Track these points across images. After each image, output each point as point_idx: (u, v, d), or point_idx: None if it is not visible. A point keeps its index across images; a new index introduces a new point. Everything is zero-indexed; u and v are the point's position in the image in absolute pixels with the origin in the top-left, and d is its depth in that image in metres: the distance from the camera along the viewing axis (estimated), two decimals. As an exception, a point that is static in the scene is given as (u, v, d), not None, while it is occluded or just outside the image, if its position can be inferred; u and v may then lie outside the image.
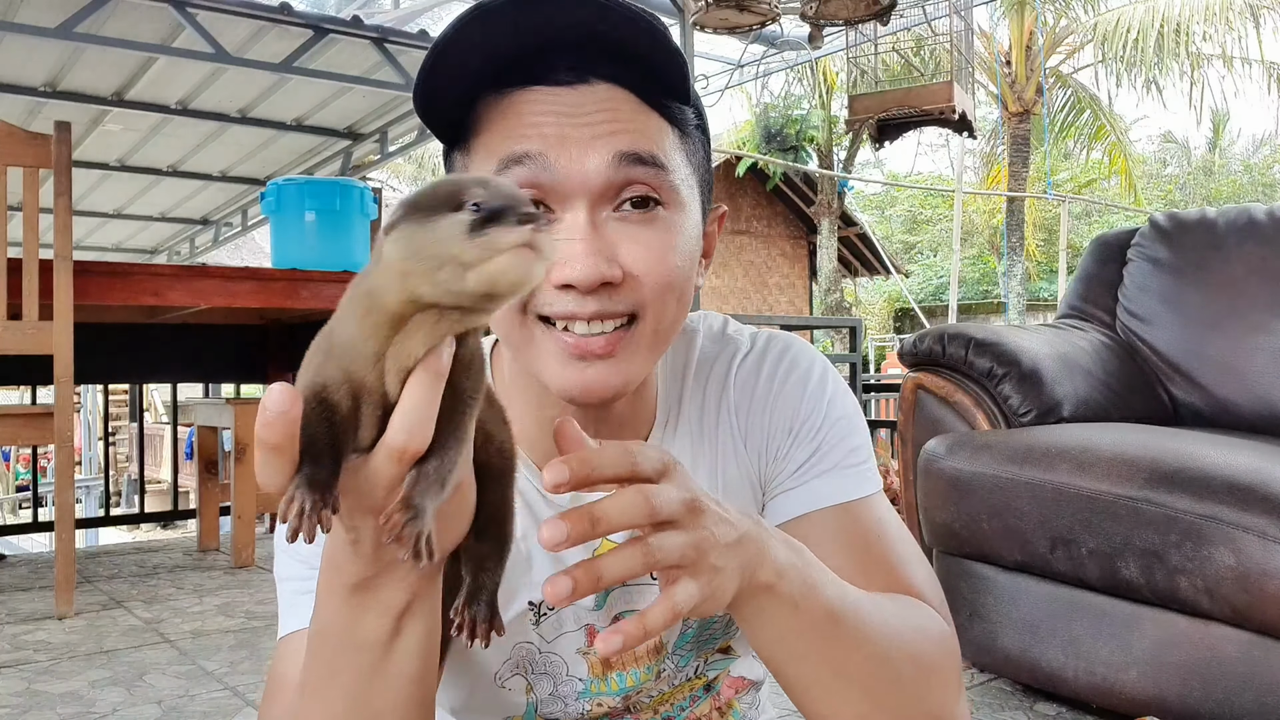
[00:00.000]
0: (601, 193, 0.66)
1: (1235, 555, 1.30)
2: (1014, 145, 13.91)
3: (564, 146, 0.64)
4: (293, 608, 0.75)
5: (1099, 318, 2.16)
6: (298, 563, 0.75)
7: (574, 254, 0.64)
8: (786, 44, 7.19)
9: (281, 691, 0.72)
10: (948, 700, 0.71)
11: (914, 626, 0.70)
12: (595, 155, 0.64)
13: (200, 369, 3.87)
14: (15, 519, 10.85)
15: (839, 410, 0.79)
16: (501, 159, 0.65)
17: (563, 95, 0.65)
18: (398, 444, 0.48)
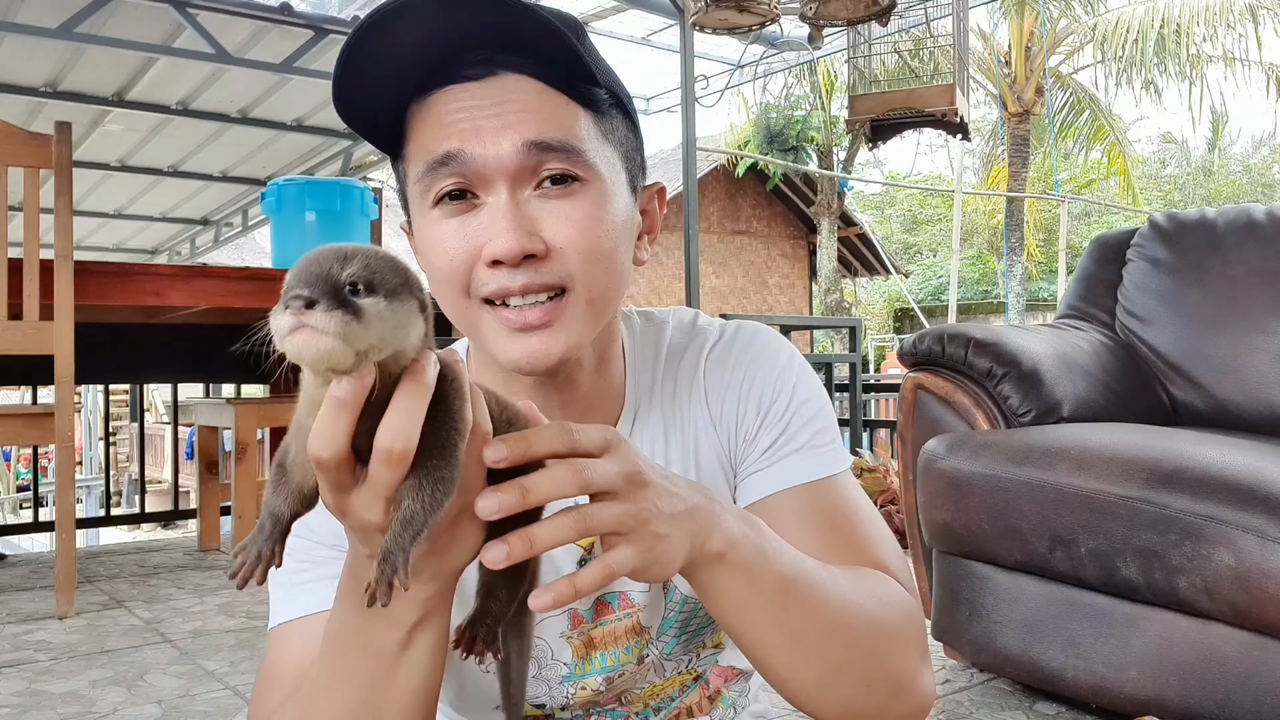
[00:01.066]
0: (517, 175, 0.70)
1: (1235, 555, 1.30)
2: (1014, 145, 13.91)
3: (478, 137, 0.69)
4: (282, 600, 0.77)
5: (1099, 318, 2.16)
6: (285, 557, 0.74)
7: (498, 230, 0.69)
8: (786, 44, 7.19)
9: (276, 683, 0.74)
10: (908, 667, 0.74)
11: (873, 596, 0.73)
12: (506, 141, 0.69)
13: (201, 369, 3.87)
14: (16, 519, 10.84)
15: (805, 393, 0.83)
16: (428, 163, 0.70)
17: (473, 90, 0.70)
18: (384, 445, 0.52)
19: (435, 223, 0.72)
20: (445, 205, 0.71)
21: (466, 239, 0.70)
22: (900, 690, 0.73)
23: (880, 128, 6.34)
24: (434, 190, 0.71)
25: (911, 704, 0.74)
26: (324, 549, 0.76)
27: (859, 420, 4.87)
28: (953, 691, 1.76)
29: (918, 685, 0.74)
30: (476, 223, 0.70)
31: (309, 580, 0.76)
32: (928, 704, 0.75)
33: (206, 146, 6.92)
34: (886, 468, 3.52)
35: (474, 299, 0.72)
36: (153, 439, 10.67)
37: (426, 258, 0.75)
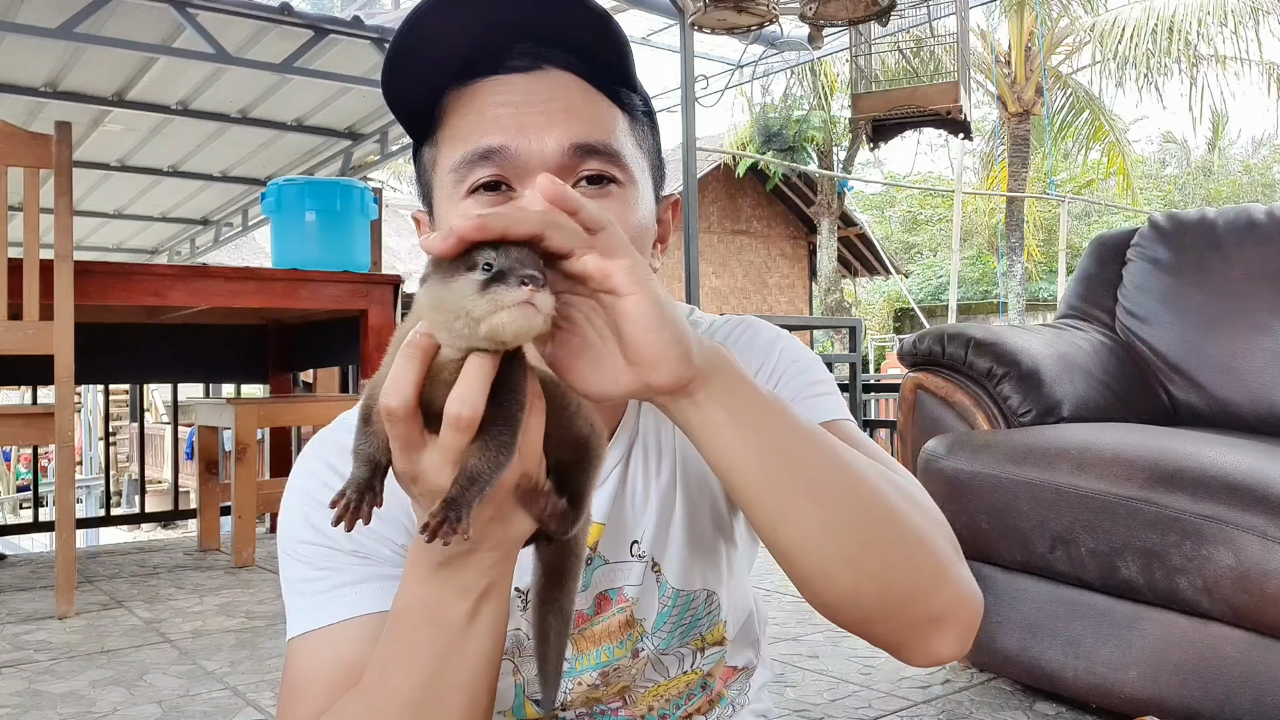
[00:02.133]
0: (558, 172, 0.69)
1: (1235, 555, 1.30)
2: (1014, 145, 13.91)
3: (523, 134, 0.69)
4: (305, 610, 0.76)
5: (1098, 318, 2.16)
6: (302, 564, 0.77)
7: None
8: (786, 44, 7.19)
9: (307, 692, 0.73)
10: (947, 550, 0.69)
11: (901, 479, 0.71)
12: (551, 139, 0.69)
13: (200, 369, 3.87)
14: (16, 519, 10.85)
15: (791, 356, 0.83)
16: (467, 155, 0.70)
17: (517, 83, 0.70)
18: (452, 411, 0.54)
19: (467, 213, 0.71)
20: (480, 195, 0.71)
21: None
22: (940, 572, 0.67)
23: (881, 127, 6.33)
24: (469, 180, 0.71)
25: (954, 594, 0.67)
26: (342, 555, 0.76)
27: (859, 420, 4.88)
28: (953, 691, 1.76)
29: (958, 572, 0.69)
30: None
31: (330, 588, 0.75)
32: (975, 598, 0.69)
33: (206, 146, 6.92)
34: (886, 468, 3.52)
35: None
36: (153, 439, 10.67)
37: None
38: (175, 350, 3.61)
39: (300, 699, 0.74)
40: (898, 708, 1.68)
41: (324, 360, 3.74)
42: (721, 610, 0.88)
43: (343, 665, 0.72)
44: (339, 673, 0.72)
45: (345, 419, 0.82)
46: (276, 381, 3.75)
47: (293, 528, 0.78)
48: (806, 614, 2.32)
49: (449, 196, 0.73)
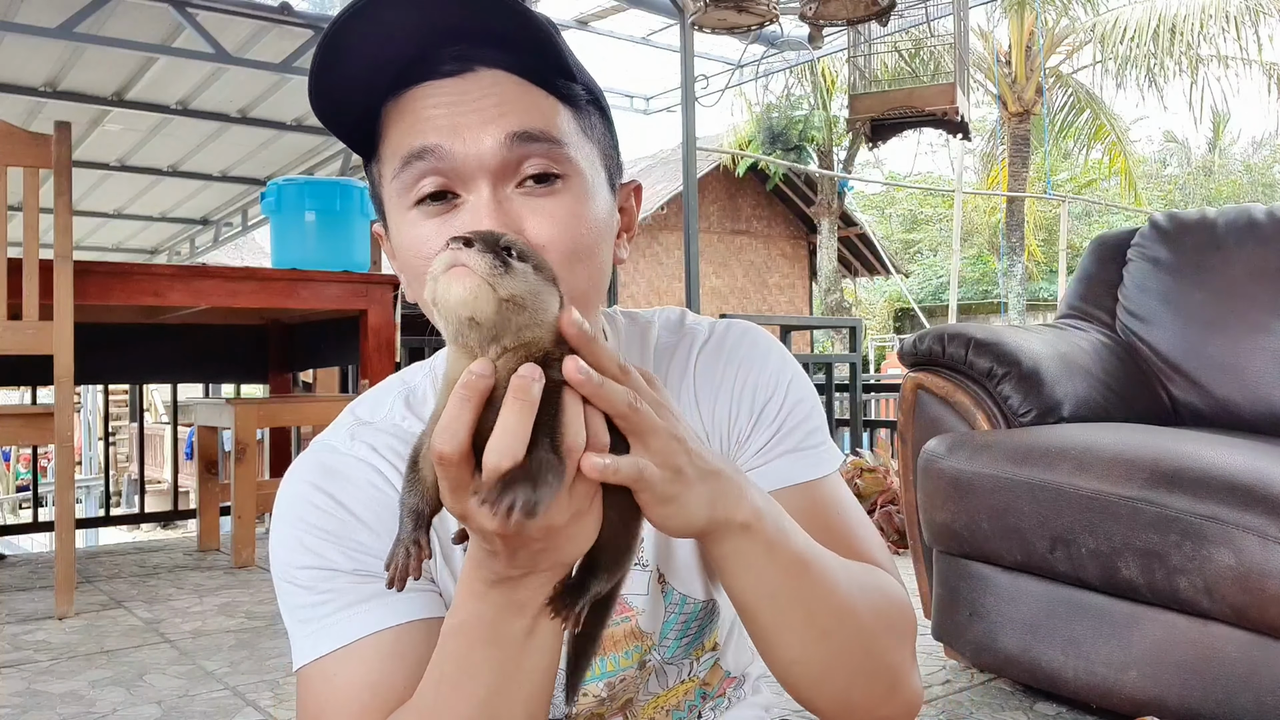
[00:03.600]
0: (500, 171, 0.69)
1: (1235, 555, 1.30)
2: (1014, 145, 13.91)
3: (457, 133, 0.68)
4: (313, 636, 0.74)
5: (1099, 318, 2.16)
6: (302, 589, 0.75)
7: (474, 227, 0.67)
8: (786, 44, 7.19)
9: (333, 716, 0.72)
10: (905, 660, 0.75)
11: (875, 587, 0.75)
12: (489, 137, 0.68)
13: (200, 369, 3.87)
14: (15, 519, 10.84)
15: (797, 394, 0.83)
16: (403, 157, 0.69)
17: (450, 85, 0.69)
18: (491, 464, 0.54)
19: (415, 224, 0.70)
20: (425, 206, 0.70)
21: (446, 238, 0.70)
22: (895, 684, 0.74)
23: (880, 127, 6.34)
24: (413, 191, 0.70)
25: (903, 700, 0.75)
26: (344, 576, 0.74)
27: (859, 420, 4.87)
28: (953, 692, 1.75)
29: (910, 682, 0.75)
30: (458, 221, 0.69)
31: (337, 610, 0.74)
32: (917, 704, 0.76)
33: (206, 146, 6.92)
34: (886, 468, 3.52)
35: None
36: (152, 439, 10.67)
37: (405, 259, 0.73)
38: (175, 350, 3.61)
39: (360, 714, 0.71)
40: (898, 708, 1.68)
41: (324, 360, 3.74)
42: (719, 617, 0.88)
43: (366, 687, 0.71)
44: (364, 695, 0.71)
45: (324, 439, 0.80)
46: (276, 381, 3.75)
47: (288, 554, 0.76)
48: (806, 614, 2.32)
49: (396, 208, 0.72)
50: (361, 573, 0.74)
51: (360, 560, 0.74)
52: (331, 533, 0.75)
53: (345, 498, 0.75)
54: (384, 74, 0.70)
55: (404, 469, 0.63)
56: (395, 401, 0.82)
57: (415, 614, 0.73)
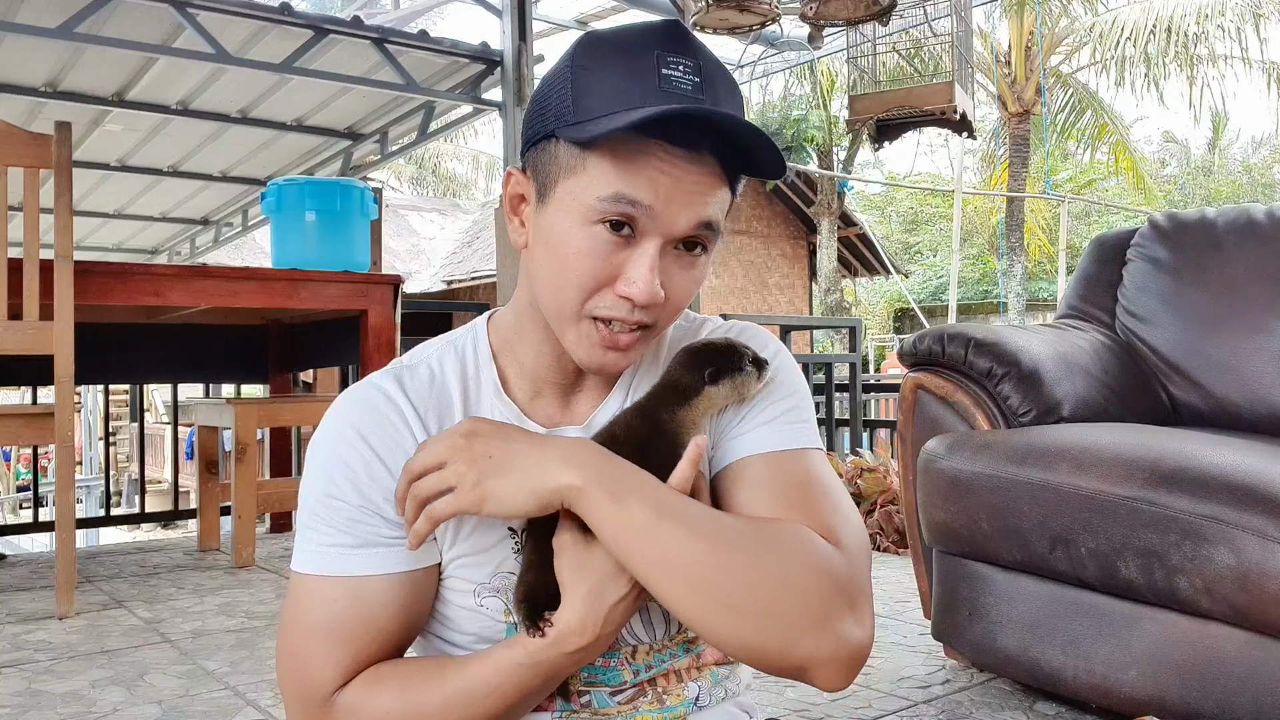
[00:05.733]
0: (671, 240, 0.81)
1: (1235, 555, 1.30)
2: (1014, 145, 13.91)
3: (667, 206, 0.79)
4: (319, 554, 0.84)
5: (1099, 318, 2.16)
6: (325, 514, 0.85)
7: (642, 278, 0.79)
8: (786, 44, 7.19)
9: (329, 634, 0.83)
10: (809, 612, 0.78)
11: (776, 542, 0.79)
12: (684, 219, 0.79)
13: (200, 369, 3.87)
14: (16, 519, 10.85)
15: (785, 386, 0.91)
16: (620, 195, 0.78)
17: (680, 157, 0.78)
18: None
19: (590, 236, 0.79)
20: (605, 227, 0.79)
21: (611, 265, 0.80)
22: (797, 633, 0.77)
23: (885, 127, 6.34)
24: (609, 211, 0.78)
25: (825, 649, 0.78)
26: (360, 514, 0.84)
27: (859, 420, 4.87)
28: (953, 691, 1.76)
29: (829, 632, 0.78)
30: (623, 256, 0.80)
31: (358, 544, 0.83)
32: (848, 653, 0.79)
33: (206, 146, 6.92)
34: (886, 468, 3.52)
35: (585, 311, 0.82)
36: (153, 439, 10.67)
37: (560, 249, 0.81)
38: (175, 350, 3.61)
39: (326, 639, 0.82)
40: (898, 708, 1.68)
41: (324, 360, 3.74)
42: None
43: (361, 620, 0.82)
44: (357, 626, 0.82)
45: (374, 378, 0.88)
46: (276, 381, 3.75)
47: (321, 483, 0.84)
48: (806, 614, 2.32)
49: (578, 212, 0.79)
50: (366, 508, 0.83)
51: (377, 504, 0.83)
52: (356, 471, 0.83)
53: (375, 440, 0.84)
54: (650, 121, 0.77)
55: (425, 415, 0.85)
56: (439, 352, 0.91)
57: (415, 564, 0.84)
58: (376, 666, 0.83)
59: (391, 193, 19.60)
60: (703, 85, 0.79)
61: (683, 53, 0.79)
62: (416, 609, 0.86)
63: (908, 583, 2.63)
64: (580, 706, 0.89)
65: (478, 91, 5.85)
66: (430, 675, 0.82)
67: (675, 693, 0.92)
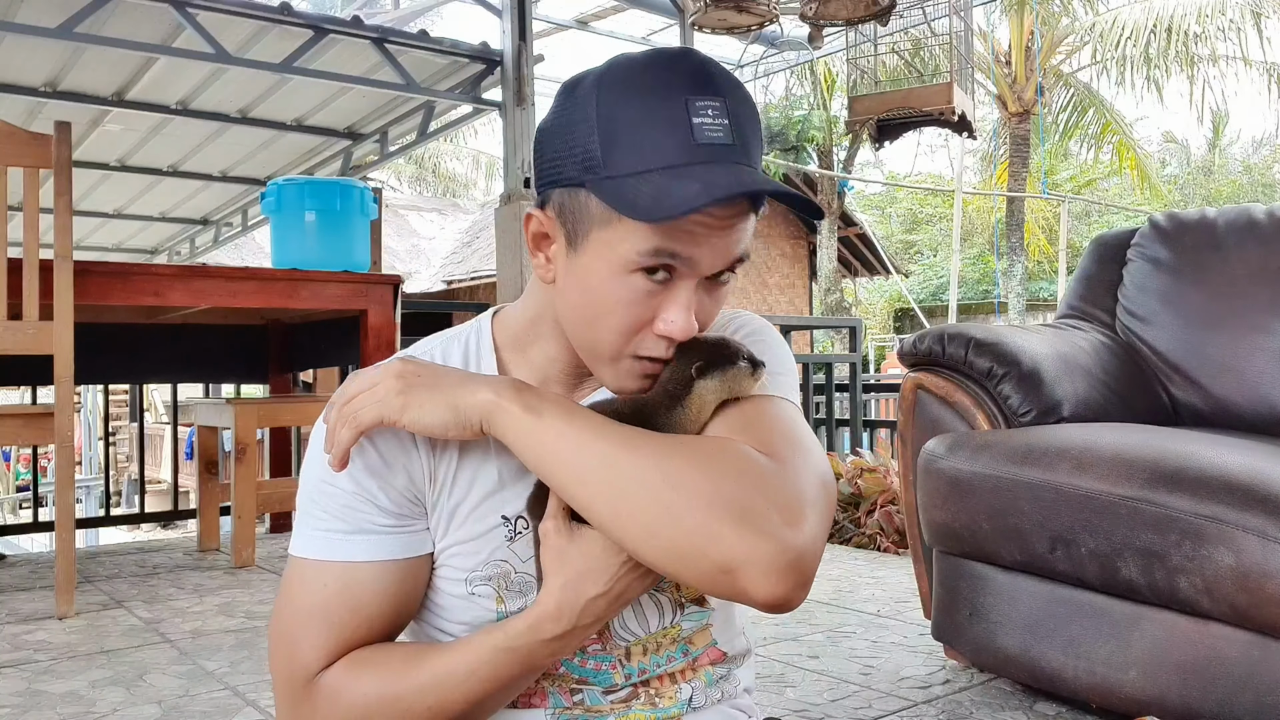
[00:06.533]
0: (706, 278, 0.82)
1: (1235, 555, 1.30)
2: (1014, 145, 13.90)
3: (704, 253, 0.79)
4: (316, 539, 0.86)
5: (1099, 318, 2.16)
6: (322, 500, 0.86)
7: (680, 317, 0.80)
8: (786, 44, 7.19)
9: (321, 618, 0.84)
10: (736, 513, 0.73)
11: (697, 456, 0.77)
12: (720, 261, 0.81)
13: (200, 369, 3.87)
14: (16, 519, 10.85)
15: (765, 340, 0.93)
16: (656, 248, 0.78)
17: (717, 209, 0.78)
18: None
19: (629, 285, 0.80)
20: (645, 274, 0.79)
21: (649, 308, 0.81)
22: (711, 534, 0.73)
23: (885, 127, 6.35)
24: (649, 262, 0.79)
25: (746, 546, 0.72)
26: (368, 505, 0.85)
27: (859, 420, 4.87)
28: (953, 692, 1.76)
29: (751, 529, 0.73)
30: (661, 298, 0.80)
31: (354, 530, 0.84)
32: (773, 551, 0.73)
33: (206, 146, 6.92)
34: (886, 468, 3.52)
35: (627, 353, 0.83)
36: (152, 439, 10.67)
37: (598, 296, 0.81)
38: (175, 350, 3.61)
39: (314, 621, 0.84)
40: (898, 708, 1.68)
41: (324, 360, 3.74)
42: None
43: (350, 605, 0.83)
44: (345, 612, 0.83)
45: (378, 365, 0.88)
46: (276, 381, 3.75)
47: (318, 469, 0.85)
48: (806, 614, 2.32)
49: (618, 264, 0.79)
50: (359, 494, 0.84)
51: (372, 492, 0.84)
52: (352, 458, 0.84)
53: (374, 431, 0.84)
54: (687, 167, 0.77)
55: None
56: (442, 345, 0.92)
57: (407, 553, 0.85)
58: (360, 650, 0.84)
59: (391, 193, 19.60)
60: (732, 128, 0.78)
61: (710, 93, 0.78)
62: (407, 598, 0.87)
63: (908, 583, 2.63)
64: (572, 705, 0.90)
65: (478, 91, 5.85)
66: (410, 659, 0.83)
67: (668, 694, 0.93)
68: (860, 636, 2.13)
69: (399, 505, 0.85)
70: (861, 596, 2.52)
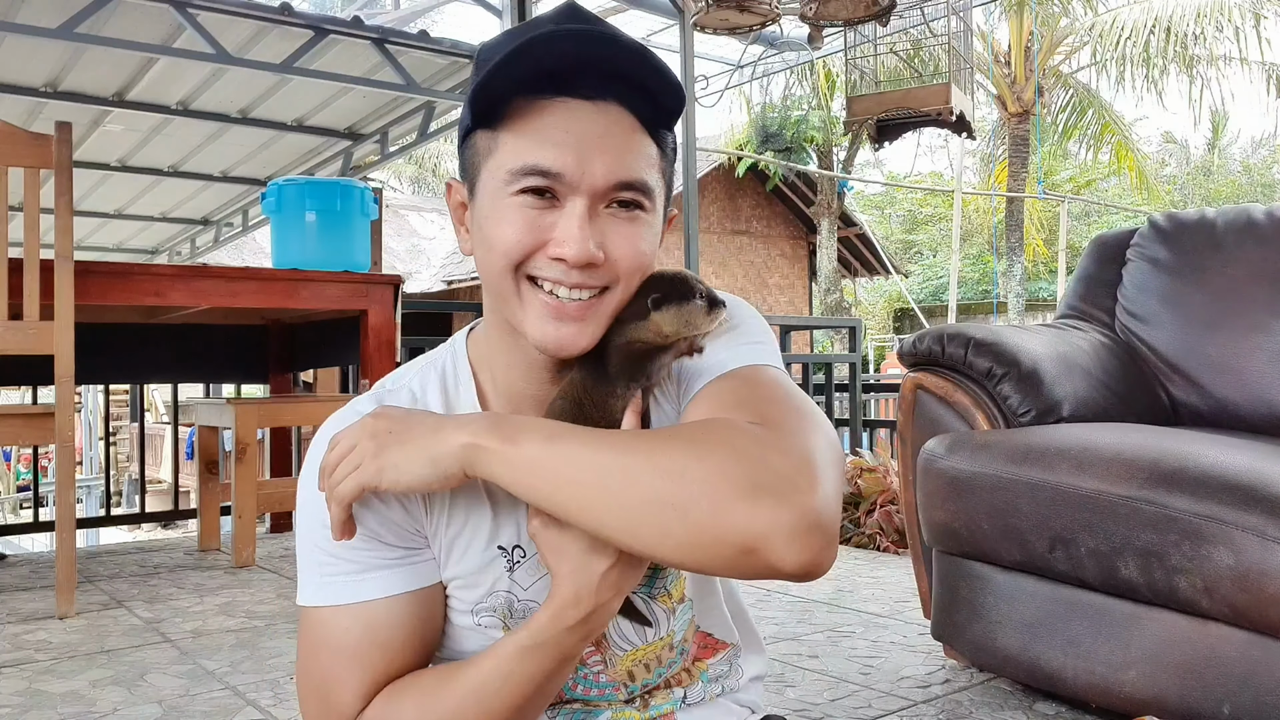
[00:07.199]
0: (600, 195, 0.80)
1: (1234, 555, 1.30)
2: (1013, 145, 13.90)
3: (579, 164, 0.78)
4: (323, 586, 0.85)
5: (1098, 318, 2.16)
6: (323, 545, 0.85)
7: (571, 237, 0.78)
8: (786, 45, 7.19)
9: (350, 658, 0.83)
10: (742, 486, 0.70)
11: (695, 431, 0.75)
12: (601, 173, 0.79)
13: (201, 369, 3.87)
14: (16, 519, 10.85)
15: (736, 319, 0.90)
16: (528, 167, 0.79)
17: (583, 111, 0.79)
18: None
19: (512, 207, 0.80)
20: (526, 196, 0.79)
21: (538, 231, 0.79)
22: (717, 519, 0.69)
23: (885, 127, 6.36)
24: (522, 183, 0.79)
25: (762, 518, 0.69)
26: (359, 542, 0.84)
27: (859, 420, 4.87)
28: (953, 691, 1.76)
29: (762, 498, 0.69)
30: (550, 219, 0.79)
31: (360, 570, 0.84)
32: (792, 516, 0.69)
33: (206, 146, 6.92)
34: (886, 468, 3.53)
35: (521, 274, 0.81)
36: (153, 439, 10.67)
37: (489, 229, 0.81)
38: (175, 350, 3.61)
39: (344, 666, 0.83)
40: (897, 707, 1.68)
41: (324, 360, 3.74)
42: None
43: (375, 643, 0.83)
44: (373, 650, 0.83)
45: (356, 405, 0.88)
46: (276, 381, 3.75)
47: (315, 514, 0.84)
48: (806, 613, 2.33)
49: (498, 189, 0.80)
50: (382, 540, 0.84)
51: (373, 529, 0.84)
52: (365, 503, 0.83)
53: None
54: (534, 75, 0.79)
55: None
56: (420, 375, 0.91)
57: (420, 582, 0.85)
58: (394, 683, 0.84)
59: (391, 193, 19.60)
60: (577, 20, 0.79)
61: (572, 19, 0.80)
62: (429, 624, 0.86)
63: (908, 583, 2.63)
64: (565, 700, 0.91)
65: (478, 92, 5.84)
66: (443, 679, 0.83)
67: (662, 697, 0.94)
68: (860, 636, 2.13)
69: (401, 538, 0.85)
70: (861, 596, 2.52)
